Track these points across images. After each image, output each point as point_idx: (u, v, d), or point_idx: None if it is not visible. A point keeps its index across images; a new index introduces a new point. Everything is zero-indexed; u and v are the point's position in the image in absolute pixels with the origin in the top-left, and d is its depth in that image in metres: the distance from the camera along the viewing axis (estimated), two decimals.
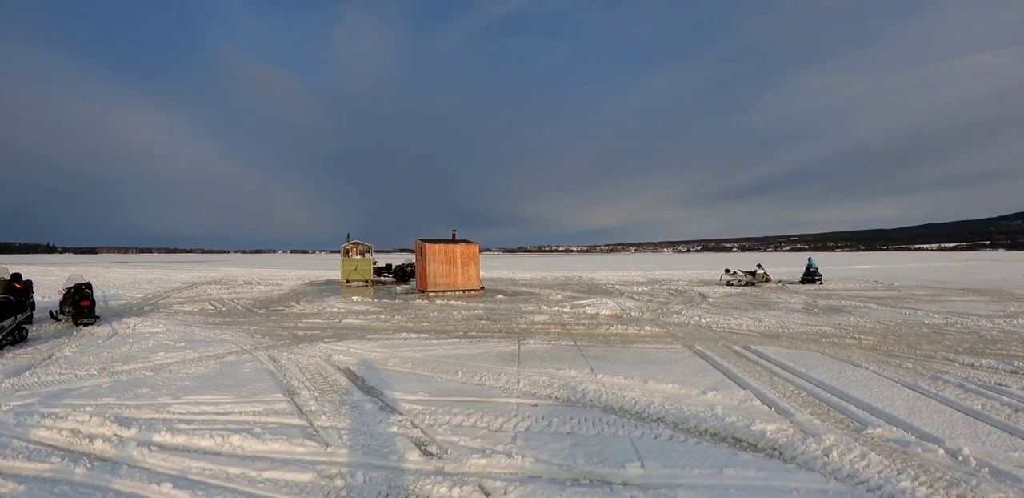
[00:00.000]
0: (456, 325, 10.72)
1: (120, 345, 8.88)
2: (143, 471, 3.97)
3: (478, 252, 19.03)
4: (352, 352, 7.94)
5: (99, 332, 10.31)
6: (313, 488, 3.60)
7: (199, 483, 3.76)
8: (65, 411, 5.24)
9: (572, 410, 5.08)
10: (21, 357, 8.10)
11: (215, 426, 4.77)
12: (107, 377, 6.81)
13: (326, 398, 5.64)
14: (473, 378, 6.34)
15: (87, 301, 11.28)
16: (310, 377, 6.58)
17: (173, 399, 5.75)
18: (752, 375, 6.43)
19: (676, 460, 3.92)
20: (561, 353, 7.77)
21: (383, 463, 3.97)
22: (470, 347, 8.23)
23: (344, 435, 4.55)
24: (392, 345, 8.48)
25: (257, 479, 3.75)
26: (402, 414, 5.05)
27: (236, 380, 6.47)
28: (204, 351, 8.31)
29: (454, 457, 4.00)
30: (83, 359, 7.82)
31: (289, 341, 9.09)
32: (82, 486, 3.72)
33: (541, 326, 10.45)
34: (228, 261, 76.12)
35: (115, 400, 5.64)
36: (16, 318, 9.36)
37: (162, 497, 3.57)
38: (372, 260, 24.40)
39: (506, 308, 13.59)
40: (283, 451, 4.25)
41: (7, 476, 3.82)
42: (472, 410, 5.06)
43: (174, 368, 7.20)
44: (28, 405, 5.47)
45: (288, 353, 8.03)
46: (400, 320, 11.53)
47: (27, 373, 6.99)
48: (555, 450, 4.09)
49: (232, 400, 5.63)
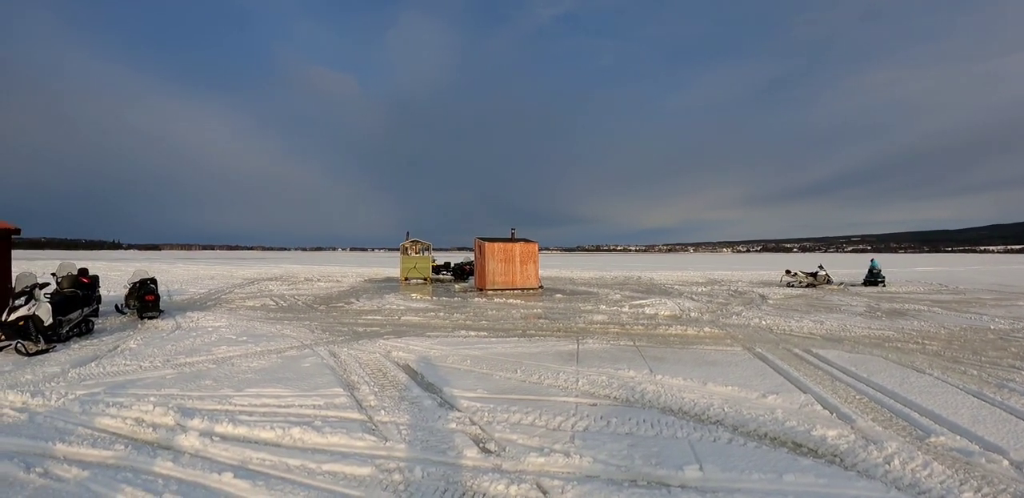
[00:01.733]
0: (515, 323, 12.18)
1: (183, 338, 10.44)
2: (205, 460, 4.71)
3: (537, 251, 21.80)
4: (411, 349, 9.09)
5: (163, 325, 12.09)
6: (372, 482, 4.18)
7: (259, 473, 4.42)
8: (129, 401, 6.26)
9: (631, 411, 5.75)
10: (87, 348, 9.64)
11: (276, 418, 5.63)
12: (171, 369, 7.99)
13: (385, 394, 6.51)
14: (532, 377, 7.20)
15: (152, 295, 13.25)
16: (370, 373, 7.57)
17: (235, 391, 6.72)
18: (813, 379, 7.16)
19: (735, 464, 4.39)
20: (620, 353, 8.77)
21: (441, 459, 4.55)
22: (529, 346, 9.35)
23: (403, 430, 5.23)
24: (451, 342, 9.65)
25: (316, 471, 4.39)
26: (461, 411, 5.77)
27: (297, 374, 7.50)
28: (266, 345, 9.63)
29: (512, 455, 4.58)
30: (147, 351, 9.23)
31: (349, 337, 10.45)
32: (144, 473, 4.46)
33: (600, 326, 11.75)
34: (289, 258, 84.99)
35: (178, 391, 6.74)
36: (83, 311, 11.16)
37: (223, 486, 4.23)
38: (431, 258, 27.58)
39: (565, 307, 15.36)
40: (342, 445, 4.93)
41: (72, 462, 4.66)
42: (530, 408, 5.77)
43: (236, 361, 8.42)
44: (93, 394, 6.55)
45: (348, 349, 9.22)
46: (459, 318, 13.10)
47: (93, 364, 8.33)
48: (613, 450, 4.64)
49: (293, 394, 6.54)
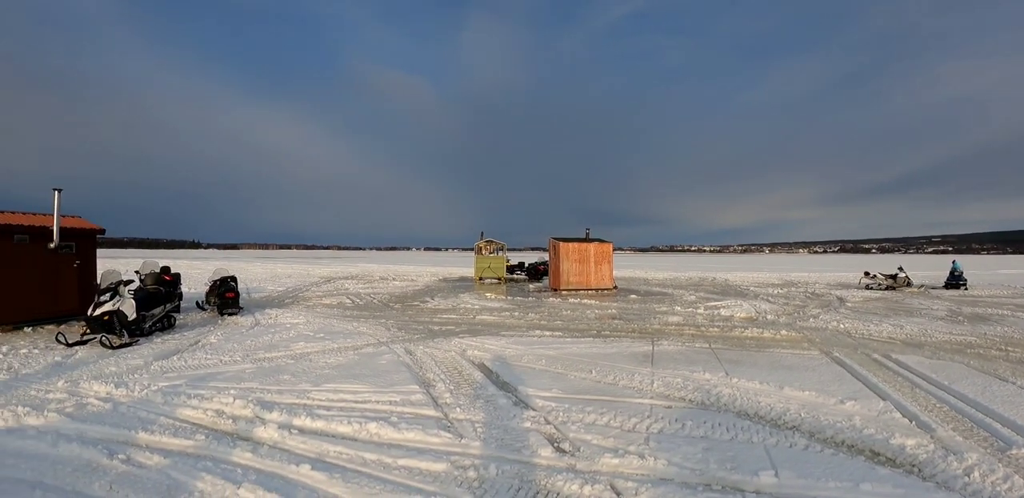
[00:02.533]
0: (589, 324, 12.86)
1: (263, 334, 11.39)
2: (283, 452, 5.13)
3: (611, 251, 22.96)
4: (486, 348, 9.72)
5: (243, 322, 13.24)
6: (446, 478, 4.49)
7: (336, 466, 4.78)
8: (210, 393, 6.86)
9: (706, 414, 6.02)
10: (169, 342, 10.58)
11: (353, 413, 6.09)
12: (250, 363, 8.69)
13: (461, 391, 6.96)
14: (607, 377, 7.61)
15: (232, 293, 14.52)
16: (445, 371, 8.10)
17: (313, 386, 7.26)
18: (892, 385, 7.35)
19: (811, 471, 4.56)
20: (695, 355, 9.16)
21: (515, 457, 4.86)
22: (603, 346, 9.88)
23: (478, 428, 5.60)
24: (526, 342, 10.26)
25: (392, 466, 4.75)
26: (535, 410, 6.14)
27: (373, 371, 8.08)
28: (343, 342, 10.42)
29: (586, 455, 4.85)
30: (227, 346, 10.13)
31: (424, 335, 11.25)
32: (224, 463, 4.90)
33: (675, 327, 12.34)
34: (364, 257, 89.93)
35: (258, 385, 7.35)
36: (165, 307, 12.27)
37: (300, 477, 4.60)
38: (505, 258, 29.20)
39: (639, 308, 16.18)
40: (418, 440, 5.30)
41: (154, 450, 5.16)
42: (605, 409, 6.10)
43: (314, 357, 9.12)
44: (175, 386, 7.22)
45: (424, 347, 9.90)
46: (534, 317, 13.93)
47: (175, 357, 9.15)
48: (688, 454, 4.88)
49: (370, 390, 7.08)
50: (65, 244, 12.53)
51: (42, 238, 12.05)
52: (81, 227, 13.24)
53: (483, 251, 28.80)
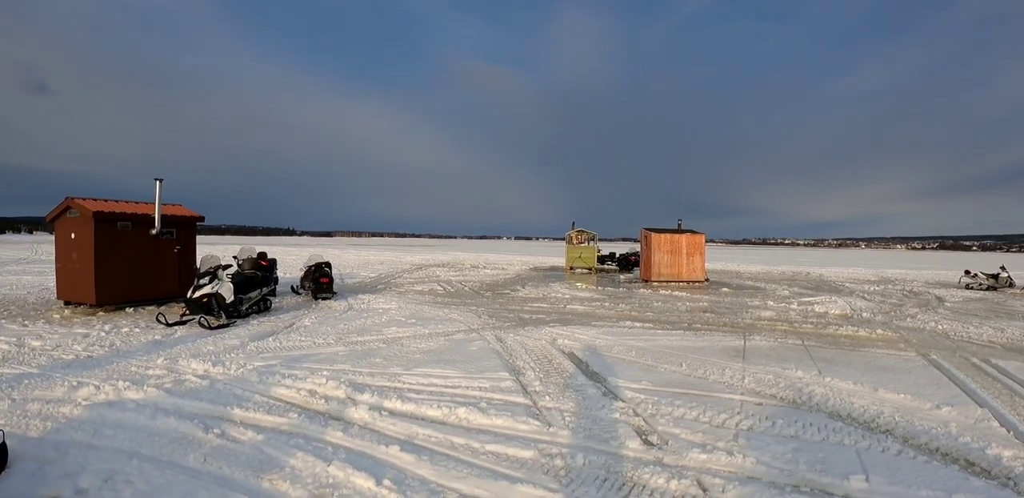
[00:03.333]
0: (680, 316, 12.93)
1: (355, 318, 11.76)
2: (373, 433, 5.26)
3: (704, 243, 23.07)
4: (577, 337, 9.82)
5: (336, 306, 13.65)
6: (533, 465, 4.54)
7: (424, 449, 4.87)
8: (303, 373, 7.11)
9: (797, 413, 5.96)
10: (265, 325, 11.05)
11: (443, 398, 6.23)
12: (343, 346, 8.97)
13: (550, 380, 7.06)
14: (697, 371, 7.60)
15: (326, 278, 15.08)
16: (535, 359, 8.23)
17: (404, 370, 7.44)
18: (991, 392, 7.01)
19: (903, 478, 4.45)
20: (787, 352, 9.06)
21: (603, 448, 4.90)
22: (694, 339, 9.88)
23: (567, 417, 5.67)
24: (616, 333, 10.35)
25: (480, 451, 4.84)
26: (624, 402, 6.18)
27: (464, 357, 8.26)
28: (434, 328, 10.70)
29: (674, 449, 4.85)
30: (321, 329, 10.48)
31: (515, 323, 11.49)
32: (315, 441, 5.05)
33: (767, 322, 12.28)
34: (455, 246, 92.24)
35: (350, 367, 7.58)
36: (262, 290, 12.82)
37: (389, 458, 4.69)
38: (596, 248, 29.45)
39: (731, 301, 16.15)
40: (506, 427, 5.39)
41: (248, 426, 5.37)
42: (695, 403, 6.08)
43: (405, 342, 9.34)
44: (270, 366, 7.51)
45: (514, 335, 10.09)
46: (624, 308, 14.05)
47: (270, 338, 9.56)
48: (777, 453, 4.83)
49: (460, 375, 7.23)
50: (166, 230, 13.37)
51: (144, 225, 12.90)
52: (181, 214, 14.10)
53: (574, 241, 29.00)
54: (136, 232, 12.72)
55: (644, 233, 23.86)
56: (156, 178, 12.76)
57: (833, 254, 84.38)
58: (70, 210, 12.43)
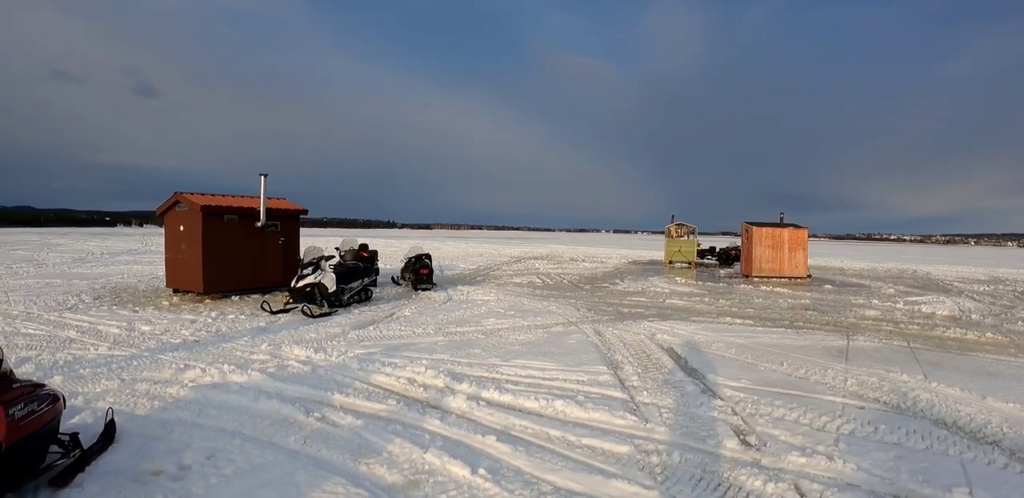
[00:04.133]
0: (782, 313, 12.78)
1: (454, 309, 11.99)
2: (470, 422, 5.33)
3: (806, 238, 22.73)
4: (676, 332, 9.79)
5: (435, 297, 14.00)
6: (629, 461, 4.55)
7: (521, 440, 4.90)
8: (403, 362, 7.29)
9: (900, 419, 5.74)
10: (366, 314, 11.42)
11: (540, 390, 6.29)
12: (442, 336, 9.16)
13: (648, 375, 7.10)
14: (798, 371, 7.47)
15: (426, 269, 15.44)
16: (633, 353, 8.28)
17: (502, 361, 7.53)
18: None
19: (1008, 493, 4.23)
20: (892, 354, 8.75)
21: (700, 446, 4.86)
22: (796, 338, 9.74)
23: (664, 413, 5.68)
24: (716, 329, 10.27)
25: (576, 444, 4.86)
26: (723, 400, 6.14)
27: (562, 349, 8.34)
28: (532, 320, 10.83)
29: (772, 451, 4.78)
30: (420, 319, 10.75)
31: (614, 317, 11.52)
32: (413, 428, 5.16)
33: (871, 322, 11.90)
34: (553, 238, 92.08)
35: (449, 357, 7.72)
36: (363, 281, 13.23)
37: (485, 448, 4.74)
38: (696, 242, 29.03)
39: (834, 299, 15.77)
40: (603, 421, 5.41)
41: (347, 411, 5.56)
42: (795, 404, 6.00)
43: (504, 333, 9.46)
44: (370, 354, 7.74)
45: (613, 328, 10.13)
46: (724, 304, 14.01)
47: (371, 327, 9.86)
48: (878, 460, 4.69)
49: (557, 368, 7.27)
50: (271, 223, 14.03)
51: (250, 218, 13.61)
52: (286, 208, 14.80)
53: (673, 234, 28.85)
54: (242, 224, 13.43)
55: (745, 227, 23.57)
56: (261, 173, 13.47)
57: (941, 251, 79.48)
58: (179, 204, 13.23)
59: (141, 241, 42.56)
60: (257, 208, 13.59)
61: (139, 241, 42.43)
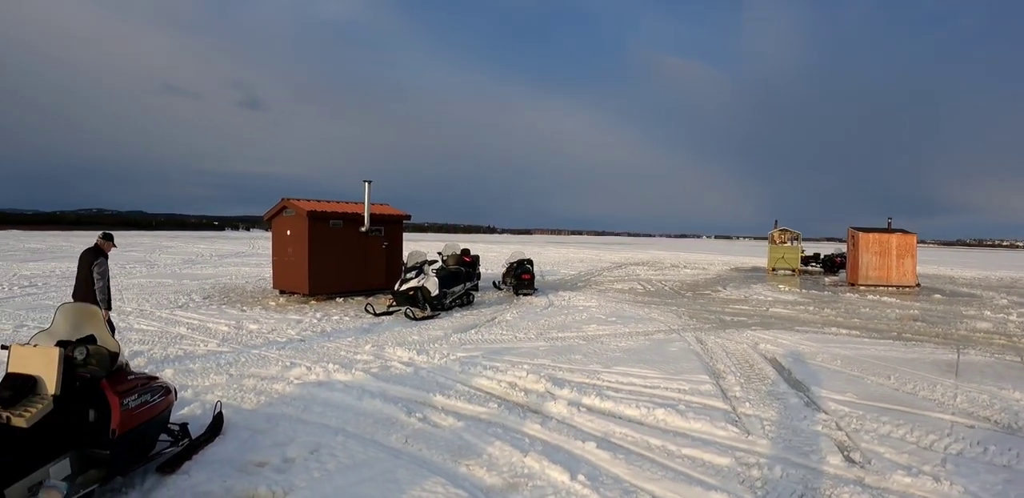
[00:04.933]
0: (889, 324, 12.32)
1: (555, 315, 12.06)
2: (570, 428, 5.33)
3: (915, 244, 21.93)
4: (779, 342, 9.62)
5: (537, 302, 14.13)
6: (729, 473, 4.47)
7: (620, 447, 4.88)
8: (504, 366, 7.38)
9: (1011, 440, 5.44)
10: (468, 317, 11.63)
11: (641, 398, 6.24)
12: (543, 341, 9.21)
13: (751, 386, 6.99)
14: (905, 385, 7.21)
15: (528, 274, 15.60)
16: (736, 363, 8.18)
17: (603, 368, 7.49)
18: None
19: None
20: (1004, 369, 8.31)
21: (802, 461, 4.77)
22: (903, 350, 9.38)
23: (766, 426, 5.58)
24: (820, 339, 10.03)
25: (676, 454, 4.84)
26: (827, 414, 6.00)
27: (663, 357, 8.29)
28: (634, 327, 10.80)
29: (877, 469, 4.64)
30: (522, 324, 10.84)
31: (716, 325, 11.42)
32: (513, 431, 5.20)
33: (983, 335, 11.36)
34: (654, 244, 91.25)
35: (550, 362, 7.76)
36: (465, 285, 13.45)
37: (585, 454, 4.73)
38: (800, 248, 28.59)
39: (943, 310, 15.19)
40: (704, 432, 5.35)
41: (449, 412, 5.66)
42: (902, 421, 5.78)
43: (605, 340, 9.43)
44: (472, 357, 7.85)
45: (715, 337, 10.03)
46: (829, 313, 13.68)
47: (472, 331, 10.02)
48: (986, 483, 4.46)
49: (659, 376, 7.23)
50: (375, 228, 14.49)
51: (354, 223, 14.11)
52: (389, 213, 15.30)
53: (776, 240, 28.46)
54: (347, 229, 13.94)
55: (851, 232, 23.02)
56: (365, 180, 13.96)
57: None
58: (286, 210, 13.88)
59: (248, 244, 44.90)
60: (361, 213, 14.07)
61: (246, 244, 44.77)
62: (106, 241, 7.54)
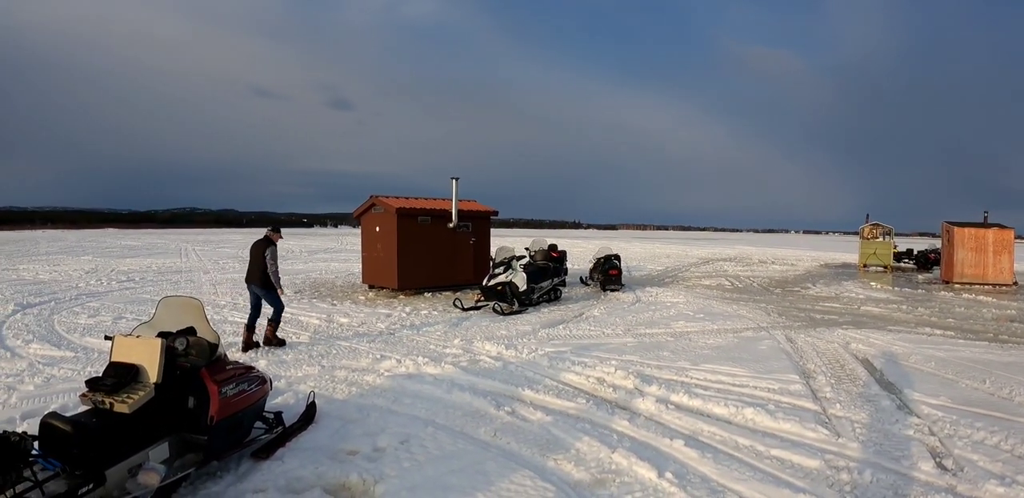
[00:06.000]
0: (985, 325, 11.66)
1: (643, 311, 11.95)
2: (658, 425, 5.28)
3: (1012, 239, 20.70)
4: (871, 342, 9.28)
5: (624, 298, 14.02)
6: (818, 476, 4.37)
7: (708, 446, 4.81)
8: (592, 362, 7.35)
9: None
10: (555, 313, 11.66)
11: (729, 396, 6.13)
12: (631, 338, 9.14)
13: (842, 387, 6.79)
14: (1002, 390, 6.81)
15: (615, 270, 15.42)
16: (826, 362, 7.94)
17: (691, 365, 7.38)
18: None
19: None
20: None
21: (893, 467, 4.61)
22: (1000, 353, 8.86)
23: (857, 429, 5.40)
24: (913, 340, 9.59)
25: (764, 454, 4.74)
26: (920, 418, 5.79)
27: (752, 355, 8.11)
28: (722, 324, 10.64)
29: (969, 477, 4.45)
30: (610, 320, 10.79)
31: (805, 323, 11.15)
32: (601, 427, 5.18)
33: None
34: (741, 239, 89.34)
35: (638, 358, 7.69)
36: (552, 280, 13.49)
37: (672, 451, 4.68)
38: (892, 244, 27.40)
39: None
40: (793, 433, 5.24)
41: (537, 407, 5.69)
42: (997, 428, 5.47)
43: (693, 337, 9.30)
44: (560, 352, 7.86)
45: (805, 335, 9.78)
46: (923, 313, 13.08)
47: (560, 326, 10.05)
48: None
49: (748, 374, 7.08)
50: (462, 224, 14.69)
51: (442, 219, 14.33)
52: (476, 209, 15.46)
53: (867, 235, 27.39)
54: (435, 225, 14.18)
55: (946, 227, 21.76)
56: (452, 177, 14.20)
57: None
58: (375, 207, 14.23)
59: (337, 240, 46.17)
60: (449, 210, 14.29)
61: (335, 240, 46.05)
62: (274, 232, 8.63)
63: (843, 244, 67.14)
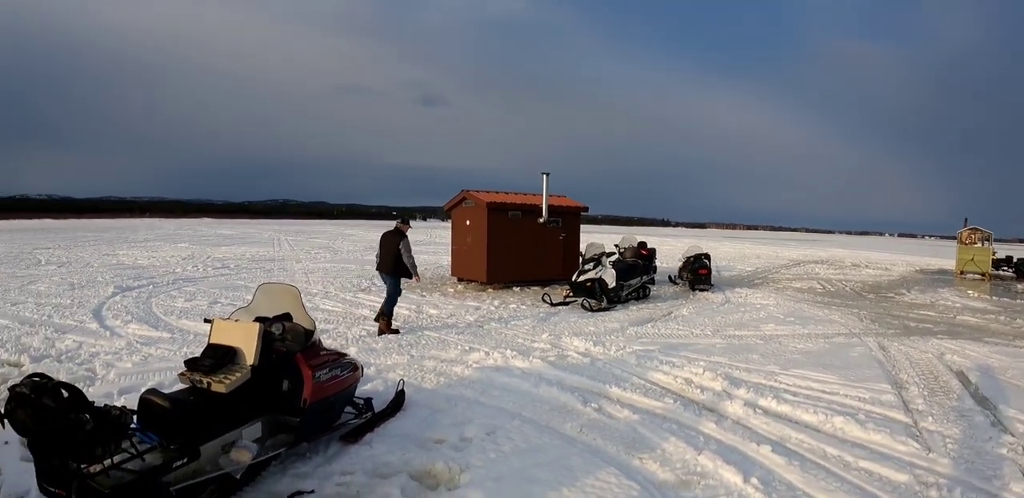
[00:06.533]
0: None
1: (732, 312, 11.78)
2: (745, 429, 5.20)
3: None
4: (967, 354, 8.85)
5: (713, 298, 13.82)
6: (906, 492, 4.20)
7: (795, 454, 4.69)
8: (681, 362, 7.29)
9: None
10: (643, 311, 11.63)
11: (819, 403, 5.95)
12: (720, 339, 9.04)
13: (935, 400, 6.51)
14: None
15: (705, 270, 15.23)
16: (920, 373, 7.63)
17: (781, 369, 7.21)
18: None
19: None
20: None
21: (983, 486, 4.40)
22: None
23: (949, 444, 5.17)
24: (1012, 353, 9.10)
25: (852, 465, 4.58)
26: (1015, 436, 5.47)
27: (843, 362, 7.85)
28: (813, 328, 10.36)
29: None
30: (698, 320, 10.69)
31: (899, 331, 10.71)
32: (688, 428, 5.14)
33: None
34: (833, 241, 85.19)
35: (726, 360, 7.58)
36: (642, 278, 13.44)
37: (759, 457, 4.60)
38: (991, 250, 25.82)
39: None
40: (882, 444, 5.05)
41: (624, 405, 5.70)
42: None
43: (783, 340, 9.09)
44: (648, 351, 7.83)
45: (898, 343, 9.41)
46: (1022, 325, 12.37)
47: (648, 325, 10.02)
48: None
49: (838, 381, 6.83)
50: (552, 219, 14.76)
51: (532, 214, 14.45)
52: (567, 205, 15.48)
53: (965, 241, 25.97)
54: (525, 220, 14.31)
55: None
56: (543, 172, 14.30)
57: None
58: (465, 201, 14.49)
59: (426, 233, 46.91)
60: (539, 205, 14.39)
61: (424, 233, 46.76)
62: (404, 224, 9.23)
63: (939, 249, 64.02)
